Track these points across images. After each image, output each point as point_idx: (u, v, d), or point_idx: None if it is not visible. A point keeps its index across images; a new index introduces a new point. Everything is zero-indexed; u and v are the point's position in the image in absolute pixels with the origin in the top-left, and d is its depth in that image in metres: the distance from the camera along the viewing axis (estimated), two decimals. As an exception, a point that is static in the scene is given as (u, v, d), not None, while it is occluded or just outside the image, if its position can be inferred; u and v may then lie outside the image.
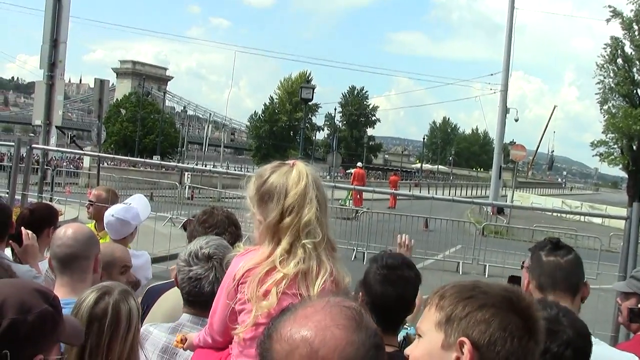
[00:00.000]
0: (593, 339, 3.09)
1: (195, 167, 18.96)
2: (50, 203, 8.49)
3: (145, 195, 6.62)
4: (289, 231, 2.62)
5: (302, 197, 2.62)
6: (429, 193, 45.40)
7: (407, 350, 2.00)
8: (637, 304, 4.16)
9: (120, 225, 5.53)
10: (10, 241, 4.82)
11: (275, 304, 2.51)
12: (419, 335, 1.98)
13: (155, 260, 9.39)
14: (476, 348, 1.81)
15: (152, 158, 66.60)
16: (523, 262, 3.81)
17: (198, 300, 3.16)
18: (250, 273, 2.60)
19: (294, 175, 2.66)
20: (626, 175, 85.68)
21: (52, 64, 14.43)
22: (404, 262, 3.48)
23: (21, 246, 4.84)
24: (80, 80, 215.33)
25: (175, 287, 3.77)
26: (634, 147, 74.85)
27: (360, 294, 3.39)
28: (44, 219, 5.29)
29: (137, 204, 5.87)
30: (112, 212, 5.55)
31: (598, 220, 38.80)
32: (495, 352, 1.80)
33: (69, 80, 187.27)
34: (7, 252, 4.97)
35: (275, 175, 2.69)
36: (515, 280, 3.95)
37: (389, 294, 3.28)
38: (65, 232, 3.56)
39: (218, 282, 3.07)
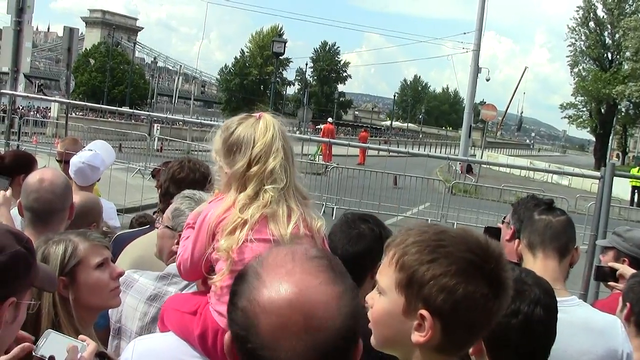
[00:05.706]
0: (577, 300, 3.16)
1: (168, 117, 18.79)
2: (26, 152, 8.36)
3: (113, 147, 6.60)
4: (255, 179, 2.65)
5: (268, 147, 2.65)
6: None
7: (369, 298, 1.95)
8: (614, 258, 4.25)
9: (90, 171, 5.57)
10: None
11: (237, 243, 2.52)
12: (379, 291, 1.90)
13: (128, 211, 9.38)
14: (438, 316, 1.76)
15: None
16: (504, 217, 3.84)
17: None
18: (220, 224, 2.61)
19: (262, 126, 2.69)
20: (593, 139, 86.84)
21: (20, 9, 14.19)
22: (362, 216, 3.39)
23: None
24: (48, 28, 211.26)
25: (144, 236, 3.74)
26: (602, 111, 75.78)
27: None
28: (20, 166, 5.14)
29: (101, 150, 5.88)
30: (80, 159, 5.57)
31: (565, 182, 39.44)
32: (458, 320, 1.77)
33: (37, 29, 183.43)
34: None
35: (242, 127, 2.72)
36: (490, 231, 3.95)
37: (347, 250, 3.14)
38: (41, 183, 3.46)
39: None
